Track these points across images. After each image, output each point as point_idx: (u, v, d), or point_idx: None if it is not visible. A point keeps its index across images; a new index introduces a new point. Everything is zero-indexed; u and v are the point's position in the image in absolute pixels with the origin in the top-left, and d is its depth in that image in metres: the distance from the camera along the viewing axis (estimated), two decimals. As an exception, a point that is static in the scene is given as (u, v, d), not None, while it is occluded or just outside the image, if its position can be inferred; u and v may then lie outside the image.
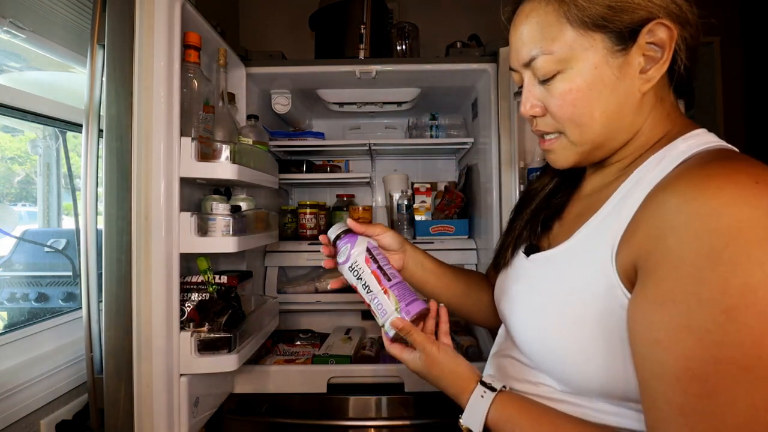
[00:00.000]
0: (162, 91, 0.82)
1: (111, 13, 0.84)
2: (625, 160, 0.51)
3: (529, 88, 0.52)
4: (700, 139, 0.45)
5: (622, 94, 0.47)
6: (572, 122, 0.49)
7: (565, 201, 0.60)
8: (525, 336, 0.53)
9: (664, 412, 0.36)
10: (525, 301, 0.55)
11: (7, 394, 0.83)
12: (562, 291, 0.49)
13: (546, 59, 0.48)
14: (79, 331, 1.02)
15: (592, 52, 0.46)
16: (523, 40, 0.50)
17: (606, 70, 0.46)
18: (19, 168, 1.24)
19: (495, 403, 0.51)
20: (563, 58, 0.47)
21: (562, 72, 0.47)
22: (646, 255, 0.39)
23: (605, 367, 0.44)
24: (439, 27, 1.82)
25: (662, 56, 0.45)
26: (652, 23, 0.44)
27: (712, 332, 0.34)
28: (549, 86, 0.49)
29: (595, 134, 0.48)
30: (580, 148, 0.50)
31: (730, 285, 0.33)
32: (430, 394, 1.13)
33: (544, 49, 0.48)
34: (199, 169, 0.87)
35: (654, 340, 0.37)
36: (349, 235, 0.64)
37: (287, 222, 1.56)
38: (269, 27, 1.90)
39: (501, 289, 0.62)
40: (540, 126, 0.53)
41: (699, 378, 0.34)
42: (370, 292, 0.59)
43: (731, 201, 0.34)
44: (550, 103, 0.49)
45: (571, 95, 0.47)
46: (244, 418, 1.13)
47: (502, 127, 1.22)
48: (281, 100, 1.43)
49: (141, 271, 0.82)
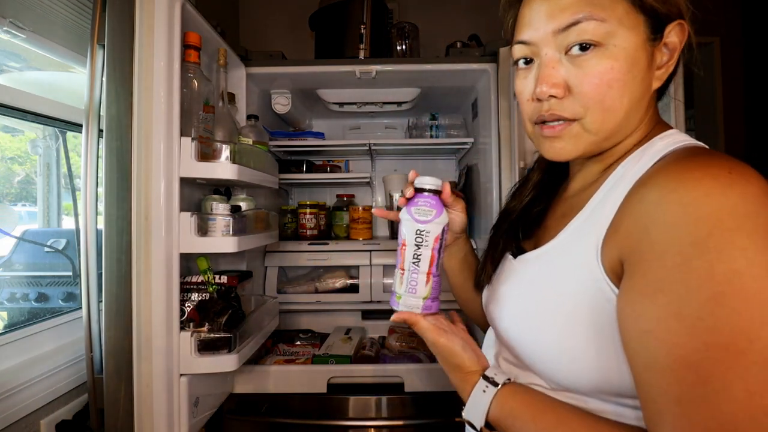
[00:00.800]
0: (162, 91, 0.82)
1: (111, 13, 0.84)
2: (611, 158, 0.51)
3: (551, 64, 0.47)
4: (673, 138, 0.46)
5: (646, 86, 0.46)
6: (601, 105, 0.45)
7: (546, 207, 0.60)
8: (513, 335, 0.53)
9: (660, 403, 0.36)
10: (512, 301, 0.55)
11: (7, 394, 0.83)
12: (549, 289, 0.49)
13: (595, 24, 0.43)
14: (79, 331, 1.02)
15: (635, 33, 0.44)
16: (565, 2, 0.45)
17: (643, 56, 0.45)
18: (19, 168, 1.24)
19: (497, 398, 0.50)
20: (610, 31, 0.44)
21: (604, 47, 0.44)
22: (630, 249, 0.39)
23: (596, 364, 0.44)
24: (439, 27, 1.82)
25: (671, 58, 0.46)
26: (675, 22, 0.45)
27: (702, 319, 0.34)
28: (583, 62, 0.45)
29: (616, 122, 0.46)
30: (595, 137, 0.47)
31: (717, 271, 0.34)
32: (430, 394, 1.13)
33: (593, 14, 0.44)
34: (199, 169, 0.87)
35: (644, 331, 0.37)
36: (437, 198, 0.59)
37: (287, 222, 1.56)
38: (269, 27, 1.90)
39: (489, 296, 0.62)
40: (557, 110, 0.47)
41: (692, 366, 0.34)
42: (417, 265, 0.56)
43: (709, 191, 0.35)
44: (583, 81, 0.45)
45: (611, 74, 0.44)
46: (244, 418, 1.13)
47: (502, 127, 1.22)
48: (281, 100, 1.43)
49: (141, 271, 0.82)
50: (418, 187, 0.59)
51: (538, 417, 0.47)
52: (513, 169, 1.19)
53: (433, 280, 0.57)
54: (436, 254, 0.57)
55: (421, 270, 0.56)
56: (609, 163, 0.51)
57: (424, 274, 0.56)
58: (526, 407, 0.48)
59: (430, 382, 1.14)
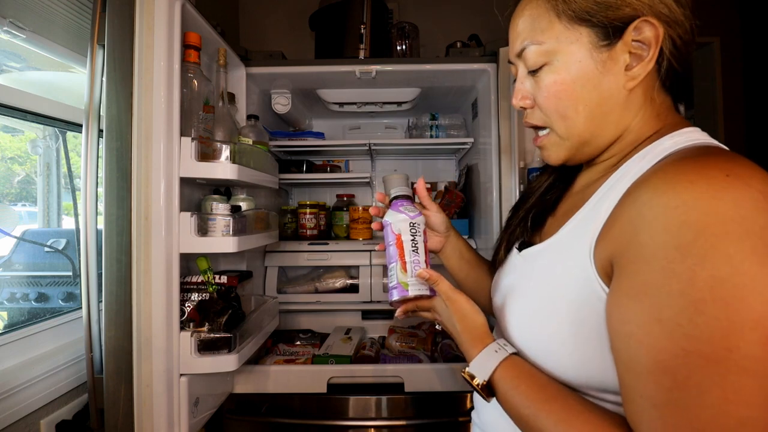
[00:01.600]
0: (162, 91, 0.82)
1: (111, 13, 0.84)
2: (613, 159, 0.52)
3: (521, 80, 0.54)
4: (686, 136, 0.45)
5: (606, 90, 0.48)
6: (557, 114, 0.50)
7: (558, 197, 0.61)
8: (513, 327, 0.55)
9: (639, 405, 0.37)
10: (513, 294, 0.57)
11: (7, 394, 0.83)
12: (545, 284, 0.51)
13: (534, 50, 0.50)
14: (79, 331, 1.02)
15: (577, 45, 0.47)
16: (518, 31, 0.52)
17: (590, 64, 0.47)
18: (19, 168, 1.24)
19: (506, 361, 0.52)
20: (550, 50, 0.49)
21: (549, 64, 0.49)
22: (620, 250, 0.40)
23: (580, 358, 0.45)
24: (439, 27, 1.83)
25: (648, 54, 0.46)
26: (637, 21, 0.45)
27: (682, 325, 0.34)
28: (537, 78, 0.51)
29: (580, 128, 0.50)
30: (568, 142, 0.52)
31: (699, 278, 0.33)
32: (430, 394, 1.13)
33: (533, 39, 0.50)
34: (199, 169, 0.87)
35: (628, 333, 0.38)
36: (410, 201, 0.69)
37: (287, 222, 1.56)
38: (269, 27, 1.90)
39: (494, 285, 0.64)
40: (529, 118, 0.55)
41: (670, 371, 0.35)
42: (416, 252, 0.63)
43: (700, 195, 0.35)
44: (538, 94, 0.51)
45: (556, 87, 0.49)
46: (244, 418, 1.13)
47: (502, 127, 1.22)
48: (281, 100, 1.43)
49: (141, 271, 0.82)
50: (394, 195, 0.70)
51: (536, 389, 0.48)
52: (513, 169, 1.19)
53: (429, 266, 0.63)
54: (426, 245, 0.65)
55: (420, 257, 0.63)
56: (614, 162, 0.52)
57: (423, 261, 0.63)
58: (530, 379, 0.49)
59: (430, 382, 1.14)
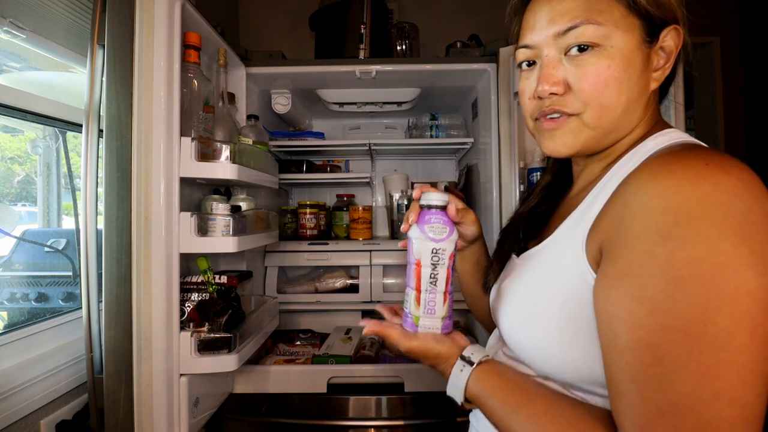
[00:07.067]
0: (162, 91, 0.82)
1: (111, 13, 0.84)
2: (610, 157, 0.53)
3: (552, 65, 0.50)
4: (669, 136, 0.48)
5: (643, 86, 0.49)
6: (599, 102, 0.48)
7: (552, 208, 0.62)
8: (509, 328, 0.55)
9: (619, 381, 0.38)
10: (510, 295, 0.57)
11: (7, 394, 0.83)
12: (541, 282, 0.51)
13: (591, 28, 0.47)
14: (79, 331, 1.02)
15: (631, 35, 0.47)
16: (566, 8, 0.48)
17: (639, 56, 0.48)
18: (19, 168, 1.24)
19: (473, 376, 0.53)
20: (607, 34, 0.47)
21: (602, 48, 0.47)
22: (608, 239, 0.42)
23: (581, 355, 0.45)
24: (439, 27, 1.83)
25: (667, 61, 0.48)
26: (672, 26, 0.48)
27: (662, 302, 0.36)
28: (582, 61, 0.48)
29: (613, 119, 0.49)
30: (593, 132, 0.50)
31: (678, 258, 0.35)
32: (430, 394, 1.13)
33: (591, 18, 0.47)
34: (199, 169, 0.87)
35: (611, 313, 0.39)
36: (446, 213, 0.57)
37: (287, 222, 1.56)
38: (269, 27, 1.90)
39: (495, 292, 0.64)
40: (556, 105, 0.50)
41: (649, 346, 0.36)
42: (434, 285, 0.55)
43: (681, 181, 0.37)
44: (582, 79, 0.48)
45: (608, 72, 0.47)
46: (244, 418, 1.13)
47: (502, 127, 1.22)
48: (281, 100, 1.43)
49: (141, 271, 0.82)
50: (424, 204, 0.57)
51: (506, 398, 0.49)
52: (513, 169, 1.19)
53: (449, 299, 0.56)
54: (450, 272, 0.56)
55: (439, 290, 0.56)
56: (607, 162, 0.53)
57: (442, 293, 0.56)
58: (497, 388, 0.51)
59: (430, 382, 1.14)
